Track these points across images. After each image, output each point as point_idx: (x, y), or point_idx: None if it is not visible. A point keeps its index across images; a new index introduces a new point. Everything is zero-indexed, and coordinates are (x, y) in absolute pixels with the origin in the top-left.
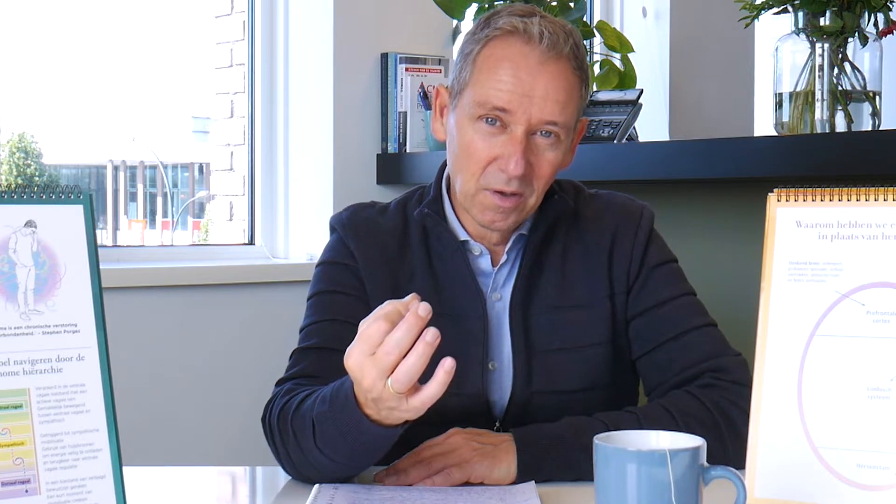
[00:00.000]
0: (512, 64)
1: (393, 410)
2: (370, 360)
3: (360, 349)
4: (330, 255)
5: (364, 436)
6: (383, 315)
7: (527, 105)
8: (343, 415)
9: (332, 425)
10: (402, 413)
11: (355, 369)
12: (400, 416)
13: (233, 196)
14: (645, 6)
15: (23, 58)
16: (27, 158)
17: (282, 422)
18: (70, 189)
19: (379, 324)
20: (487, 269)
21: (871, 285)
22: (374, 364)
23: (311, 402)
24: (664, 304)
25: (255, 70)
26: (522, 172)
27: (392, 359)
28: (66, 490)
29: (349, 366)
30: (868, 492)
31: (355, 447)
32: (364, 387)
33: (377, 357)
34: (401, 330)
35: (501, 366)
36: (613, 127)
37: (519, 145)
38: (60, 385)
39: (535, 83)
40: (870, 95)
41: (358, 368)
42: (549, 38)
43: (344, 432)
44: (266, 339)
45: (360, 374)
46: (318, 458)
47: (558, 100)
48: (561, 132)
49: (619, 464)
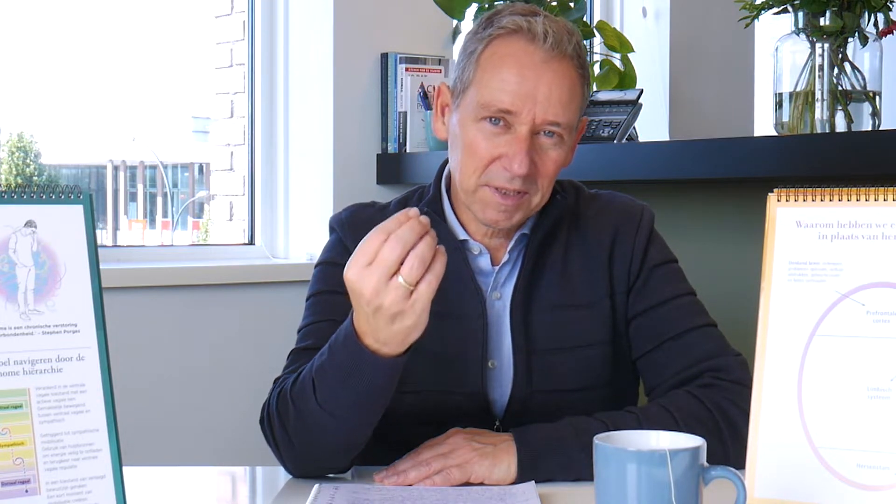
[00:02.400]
0: (516, 62)
1: (395, 321)
2: (370, 267)
3: (358, 260)
4: (329, 255)
5: (366, 371)
6: (381, 228)
7: (531, 105)
8: (343, 353)
9: (332, 371)
10: (405, 321)
11: (354, 279)
12: (402, 329)
13: (233, 196)
14: (645, 6)
15: (22, 58)
16: (27, 158)
17: (280, 401)
18: (70, 189)
19: (377, 234)
20: (487, 269)
21: (871, 285)
22: (375, 268)
23: (310, 365)
24: (664, 303)
25: (255, 70)
26: (527, 171)
27: (395, 254)
28: (66, 490)
29: (348, 278)
30: (868, 492)
31: (358, 390)
32: (366, 296)
33: (378, 259)
34: (403, 228)
35: (501, 365)
36: (613, 127)
37: (523, 144)
38: (60, 385)
39: (539, 82)
40: (870, 95)
41: (357, 278)
42: (553, 37)
43: (345, 374)
44: (266, 339)
45: (361, 282)
46: (320, 420)
47: (562, 99)
48: (564, 132)
49: (619, 464)
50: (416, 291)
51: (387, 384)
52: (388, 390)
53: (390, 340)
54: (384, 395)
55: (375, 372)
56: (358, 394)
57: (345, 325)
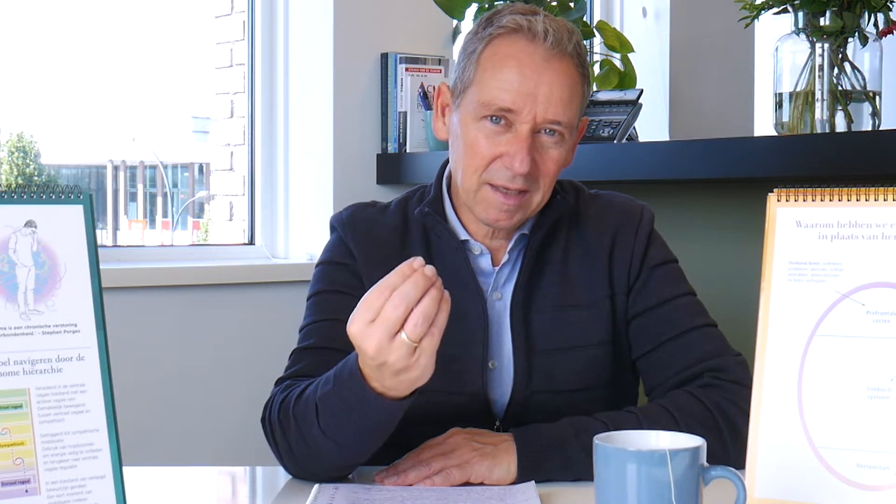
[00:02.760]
0: (516, 61)
1: (399, 374)
2: (373, 324)
3: (362, 316)
4: (330, 254)
5: (370, 411)
6: (384, 284)
7: (532, 104)
8: (348, 390)
9: (336, 404)
10: (410, 374)
11: (358, 336)
12: (407, 380)
13: (233, 196)
14: (645, 6)
15: (22, 58)
16: (26, 158)
17: (283, 414)
18: (70, 189)
19: (380, 289)
20: (487, 269)
21: (871, 285)
22: (378, 325)
23: (314, 388)
24: (664, 303)
25: (255, 70)
26: (528, 170)
27: (399, 313)
28: (66, 490)
29: (352, 333)
30: (868, 492)
31: (361, 425)
32: (370, 353)
33: (381, 317)
34: (406, 284)
35: (501, 365)
36: (613, 127)
37: (524, 143)
38: (60, 385)
39: (539, 81)
40: (870, 95)
41: (360, 335)
42: (554, 36)
43: (349, 409)
44: (266, 339)
45: (364, 340)
46: (322, 444)
47: (563, 98)
48: (565, 131)
49: (619, 464)
50: (420, 347)
51: (390, 421)
52: (391, 426)
53: (396, 388)
54: (387, 429)
55: (380, 411)
56: (360, 428)
57: (350, 361)
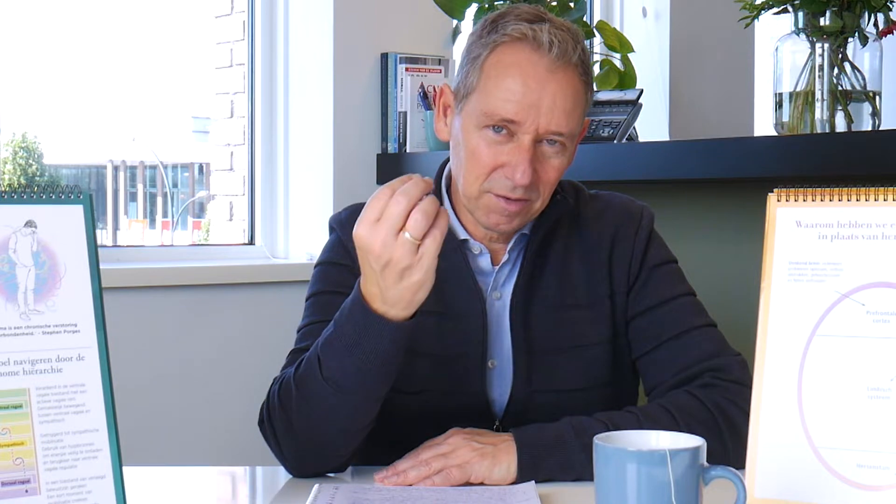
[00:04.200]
0: (520, 71)
1: (403, 277)
2: (378, 223)
3: (367, 216)
4: (328, 255)
5: (374, 336)
6: (386, 186)
7: (535, 115)
8: (349, 322)
9: (338, 342)
10: (413, 276)
11: (364, 234)
12: (409, 285)
13: (233, 196)
14: (645, 6)
15: (23, 58)
16: (29, 158)
17: (283, 390)
18: (70, 189)
19: (383, 191)
20: (487, 268)
21: (871, 285)
22: (382, 223)
23: (314, 346)
24: (664, 304)
25: (255, 70)
26: (529, 181)
27: (401, 208)
28: (66, 490)
29: (358, 234)
30: (868, 492)
31: (364, 360)
32: (375, 251)
33: (385, 214)
34: (407, 184)
35: (501, 365)
36: (613, 127)
37: (526, 154)
38: (60, 385)
39: (543, 92)
40: (870, 95)
41: (366, 233)
42: (559, 47)
43: (352, 344)
44: (266, 339)
45: (370, 238)
46: (324, 400)
47: (566, 109)
48: (567, 140)
49: (619, 464)
50: (423, 246)
51: (393, 350)
52: (394, 357)
53: (398, 300)
54: (391, 362)
55: (383, 335)
56: (364, 361)
57: (351, 295)
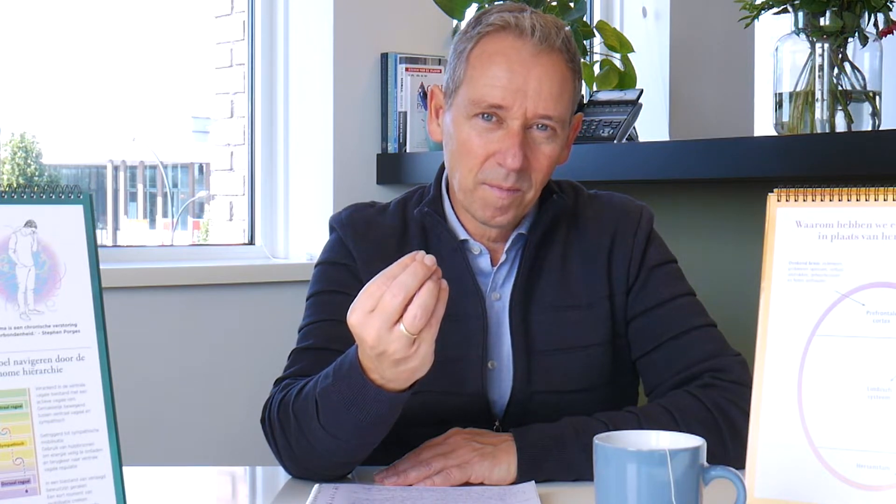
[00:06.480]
0: (505, 58)
1: (399, 365)
2: (372, 314)
3: (362, 305)
4: (329, 255)
5: (370, 403)
6: (384, 274)
7: (521, 99)
8: (347, 383)
9: (336, 397)
10: (409, 364)
11: (357, 325)
12: (406, 371)
13: (233, 196)
14: (645, 6)
15: (23, 58)
16: (28, 158)
17: (282, 411)
18: (70, 189)
19: (381, 280)
20: (487, 269)
21: (871, 285)
22: (377, 315)
23: (314, 383)
24: (664, 304)
25: (255, 70)
26: (520, 166)
27: (398, 301)
28: (66, 490)
29: (351, 322)
30: (868, 492)
31: (360, 418)
32: (368, 343)
33: (380, 306)
34: (405, 273)
35: (501, 365)
36: (613, 127)
37: (516, 139)
38: (60, 385)
39: (528, 76)
40: (870, 95)
41: (360, 324)
42: (541, 31)
43: (349, 403)
44: (266, 339)
45: (363, 329)
46: (322, 441)
47: (552, 92)
48: (556, 126)
49: (619, 464)
50: (419, 338)
51: (390, 415)
52: (391, 420)
53: (395, 379)
54: (386, 424)
55: (379, 405)
56: (360, 422)
57: (350, 355)
